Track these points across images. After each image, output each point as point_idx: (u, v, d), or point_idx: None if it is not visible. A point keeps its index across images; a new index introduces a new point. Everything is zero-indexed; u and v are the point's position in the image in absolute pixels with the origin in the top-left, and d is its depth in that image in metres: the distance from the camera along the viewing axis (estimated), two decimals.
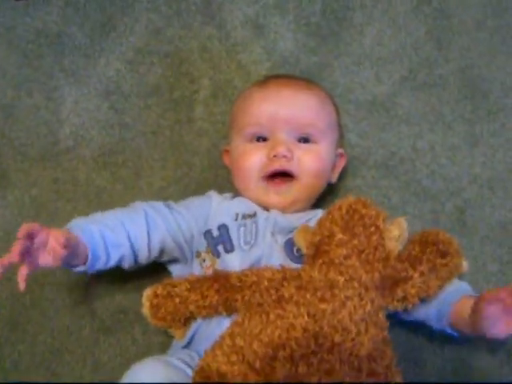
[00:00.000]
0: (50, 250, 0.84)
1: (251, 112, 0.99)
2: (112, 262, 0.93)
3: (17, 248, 0.82)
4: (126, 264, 0.96)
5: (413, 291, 0.84)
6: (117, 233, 0.92)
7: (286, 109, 0.97)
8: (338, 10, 1.19)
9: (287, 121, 0.97)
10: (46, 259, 0.85)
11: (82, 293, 1.08)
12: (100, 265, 0.92)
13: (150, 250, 0.95)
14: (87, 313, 1.08)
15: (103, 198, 1.13)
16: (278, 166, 0.95)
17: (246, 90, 1.06)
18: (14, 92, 1.19)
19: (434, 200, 1.10)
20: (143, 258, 0.96)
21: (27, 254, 0.83)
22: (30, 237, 0.83)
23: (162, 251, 0.97)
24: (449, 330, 0.90)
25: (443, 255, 0.87)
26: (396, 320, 0.92)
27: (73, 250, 0.86)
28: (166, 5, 1.21)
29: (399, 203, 1.10)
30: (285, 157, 0.95)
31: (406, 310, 0.89)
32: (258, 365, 0.76)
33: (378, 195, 1.10)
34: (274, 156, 0.95)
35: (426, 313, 0.91)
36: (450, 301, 0.87)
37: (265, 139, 0.98)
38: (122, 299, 1.08)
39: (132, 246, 0.94)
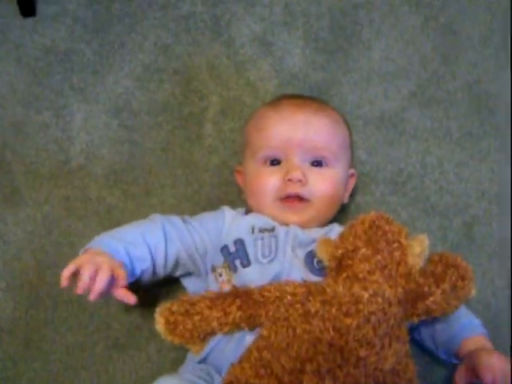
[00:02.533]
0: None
1: (265, 135, 1.00)
2: (133, 278, 0.95)
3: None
4: (146, 277, 0.97)
5: (434, 306, 0.86)
6: (140, 248, 0.94)
7: (300, 132, 0.98)
8: (346, 26, 1.20)
9: (301, 144, 0.98)
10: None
11: (96, 310, 1.09)
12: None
13: (166, 263, 0.97)
14: (101, 330, 1.09)
15: (114, 216, 1.14)
16: (292, 190, 0.97)
17: (260, 110, 1.06)
18: (24, 110, 1.19)
19: (442, 216, 1.11)
20: (160, 270, 0.98)
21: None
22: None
23: (176, 264, 0.99)
24: (454, 361, 0.94)
25: (462, 278, 0.89)
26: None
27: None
28: (175, 21, 1.22)
29: (408, 219, 1.11)
30: (300, 181, 0.96)
31: (418, 335, 0.96)
32: (286, 378, 0.78)
33: (387, 211, 1.06)
34: (289, 180, 0.96)
35: (435, 345, 0.96)
36: (460, 338, 0.92)
37: (279, 162, 0.99)
38: (136, 316, 1.08)
39: (152, 260, 0.96)
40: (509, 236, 1.08)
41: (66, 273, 0.87)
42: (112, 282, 0.88)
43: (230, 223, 0.99)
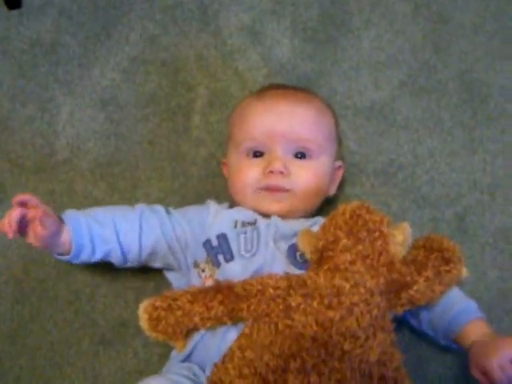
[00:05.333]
0: (34, 227, 0.86)
1: (247, 126, 0.98)
2: (98, 256, 0.94)
3: (13, 216, 0.85)
4: (114, 260, 0.96)
5: (418, 295, 0.85)
6: (105, 228, 0.93)
7: (283, 123, 0.96)
8: (335, 15, 1.18)
9: (284, 135, 0.96)
10: (30, 237, 0.88)
11: (82, 306, 1.08)
12: (85, 256, 0.94)
13: (140, 250, 0.95)
14: (87, 326, 1.07)
15: None
16: (273, 181, 0.95)
17: (243, 101, 1.04)
18: (9, 103, 1.18)
19: (433, 207, 1.09)
20: (134, 256, 0.96)
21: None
22: (24, 206, 0.86)
23: (154, 253, 0.97)
24: (454, 346, 0.93)
25: (447, 262, 0.87)
26: (405, 327, 0.97)
27: (54, 233, 0.89)
28: (161, 12, 1.20)
29: (399, 211, 1.09)
30: (281, 173, 0.95)
31: (417, 321, 0.94)
32: (270, 377, 0.76)
33: (378, 203, 1.08)
34: (270, 172, 0.95)
35: (435, 330, 0.93)
36: (459, 323, 0.90)
37: (261, 154, 0.97)
38: (122, 312, 1.07)
39: (120, 243, 0.94)
40: None
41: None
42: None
43: (213, 217, 0.98)
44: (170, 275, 1.01)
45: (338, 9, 1.18)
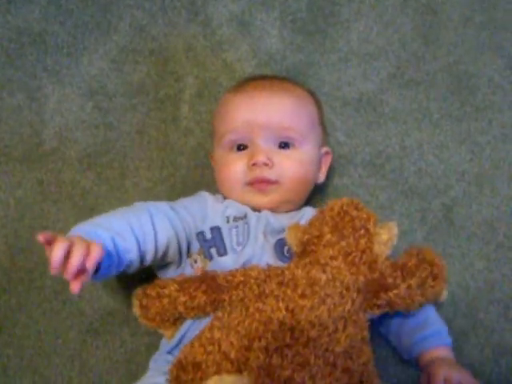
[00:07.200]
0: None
1: (227, 120, 0.98)
2: (120, 269, 0.88)
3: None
4: (132, 269, 0.90)
5: (396, 300, 0.84)
6: (126, 238, 0.86)
7: (261, 114, 0.96)
8: (324, 6, 1.18)
9: (264, 127, 0.95)
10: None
11: (69, 295, 1.07)
12: (110, 273, 0.86)
13: (156, 252, 0.90)
14: (74, 315, 1.07)
15: (89, 199, 1.12)
16: (258, 173, 0.95)
17: (224, 95, 1.04)
18: None
19: (421, 198, 1.09)
20: (149, 259, 0.90)
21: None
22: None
23: (166, 252, 0.93)
24: (414, 364, 0.94)
25: (434, 278, 0.87)
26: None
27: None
28: (150, 1, 1.19)
29: (386, 202, 1.09)
30: (265, 165, 0.94)
31: (387, 331, 0.96)
32: (232, 355, 0.77)
33: (366, 194, 1.09)
34: (254, 164, 0.95)
35: (400, 343, 0.95)
36: (426, 345, 0.92)
37: (245, 147, 0.97)
38: (109, 301, 1.07)
39: (139, 250, 0.88)
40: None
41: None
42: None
43: (210, 209, 0.97)
44: (161, 272, 0.98)
45: (326, 0, 1.18)
